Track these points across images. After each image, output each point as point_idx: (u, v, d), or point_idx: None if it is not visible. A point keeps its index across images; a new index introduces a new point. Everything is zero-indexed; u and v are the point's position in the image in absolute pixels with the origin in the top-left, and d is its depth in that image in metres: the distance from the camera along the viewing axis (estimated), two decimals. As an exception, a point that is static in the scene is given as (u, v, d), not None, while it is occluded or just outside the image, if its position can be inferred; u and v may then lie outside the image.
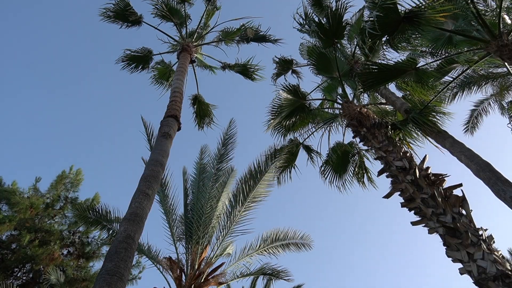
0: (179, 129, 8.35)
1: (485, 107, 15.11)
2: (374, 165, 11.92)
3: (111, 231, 11.30)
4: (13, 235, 13.61)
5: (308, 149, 11.99)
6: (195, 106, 13.70)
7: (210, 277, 9.57)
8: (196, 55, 12.96)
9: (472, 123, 15.47)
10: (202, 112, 13.63)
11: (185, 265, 9.85)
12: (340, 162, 11.45)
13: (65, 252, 14.74)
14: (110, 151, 40.12)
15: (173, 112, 8.47)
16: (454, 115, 9.15)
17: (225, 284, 11.78)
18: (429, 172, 7.70)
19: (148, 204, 6.02)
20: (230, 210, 10.45)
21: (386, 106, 11.94)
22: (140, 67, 13.02)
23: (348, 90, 11.53)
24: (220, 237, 10.35)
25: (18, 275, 13.71)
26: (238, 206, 10.28)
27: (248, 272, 10.95)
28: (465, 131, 15.53)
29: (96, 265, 14.91)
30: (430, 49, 9.67)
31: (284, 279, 11.74)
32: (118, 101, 39.47)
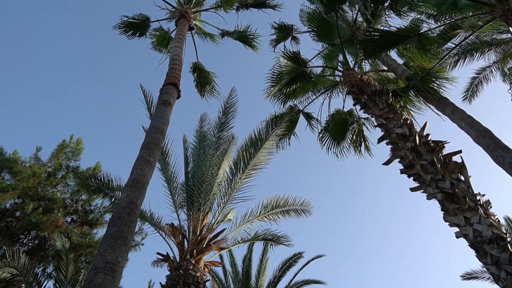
0: (178, 97, 8.31)
1: (487, 74, 14.95)
2: (372, 134, 11.99)
3: (113, 199, 11.46)
4: (16, 203, 13.80)
5: (308, 117, 11.98)
6: (195, 74, 13.55)
7: (212, 242, 9.77)
8: (194, 22, 12.69)
9: (471, 91, 15.34)
10: (203, 80, 13.49)
11: (187, 231, 10.04)
12: (338, 130, 11.48)
13: (68, 219, 14.99)
14: (110, 120, 40.08)
15: (173, 80, 8.40)
16: (454, 83, 9.09)
17: (227, 250, 12.06)
18: (429, 139, 7.73)
19: (150, 171, 6.07)
20: (231, 177, 10.56)
21: (388, 74, 11.84)
22: (138, 34, 12.79)
23: (349, 57, 11.39)
24: (221, 204, 10.50)
25: (24, 242, 14.00)
26: (239, 173, 10.37)
27: (249, 238, 11.19)
28: (464, 99, 15.44)
29: (100, 232, 15.22)
30: (433, 13, 9.47)
31: (284, 244, 12.01)
32: (116, 70, 39.07)
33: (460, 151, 7.28)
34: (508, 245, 5.29)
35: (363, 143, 11.90)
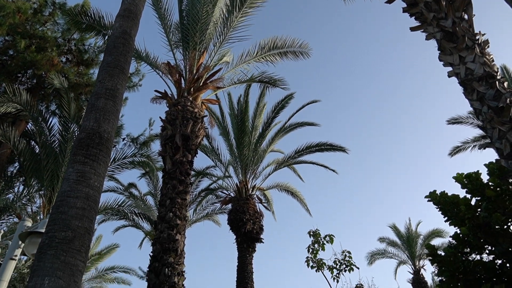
0: None
1: None
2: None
3: (106, 37, 11.21)
4: (7, 41, 13.48)
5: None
6: None
7: (209, 81, 9.93)
8: None
9: None
10: None
11: (184, 70, 10.10)
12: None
13: (63, 59, 14.87)
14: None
15: None
16: None
17: (225, 91, 12.33)
18: (439, -27, 7.19)
19: (141, 1, 5.81)
20: (227, 15, 10.13)
21: None
22: None
23: None
24: (217, 43, 10.33)
25: (22, 80, 14.17)
26: (235, 11, 9.92)
27: (246, 79, 11.34)
28: None
29: (97, 72, 15.26)
30: None
31: (280, 87, 12.27)
32: None
33: (469, -12, 6.86)
34: (496, 82, 5.44)
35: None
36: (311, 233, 8.51)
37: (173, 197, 8.30)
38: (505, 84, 5.52)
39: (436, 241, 24.91)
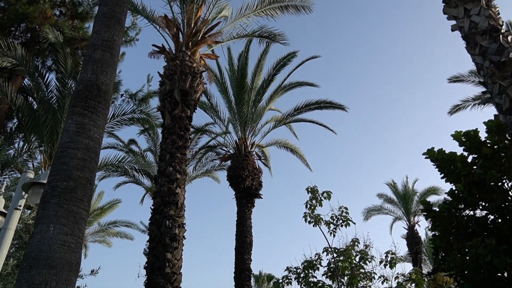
0: None
1: None
2: None
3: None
4: (-4, -8, 13.04)
5: None
6: None
7: (207, 35, 9.72)
8: None
9: None
10: None
11: (181, 24, 9.86)
12: None
13: (57, 12, 14.45)
14: None
15: None
16: None
17: (224, 45, 12.02)
18: None
19: None
20: (224, -35, 9.75)
21: None
22: None
23: None
24: (216, -4, 10.01)
25: (16, 34, 13.83)
26: (233, -39, 9.53)
27: (245, 34, 11.07)
28: None
29: (92, 26, 14.85)
30: None
31: (280, 43, 11.99)
32: None
33: None
34: (500, 36, 5.34)
35: None
36: (309, 190, 8.69)
37: (173, 152, 8.37)
38: (509, 38, 5.42)
39: (431, 198, 25.45)
